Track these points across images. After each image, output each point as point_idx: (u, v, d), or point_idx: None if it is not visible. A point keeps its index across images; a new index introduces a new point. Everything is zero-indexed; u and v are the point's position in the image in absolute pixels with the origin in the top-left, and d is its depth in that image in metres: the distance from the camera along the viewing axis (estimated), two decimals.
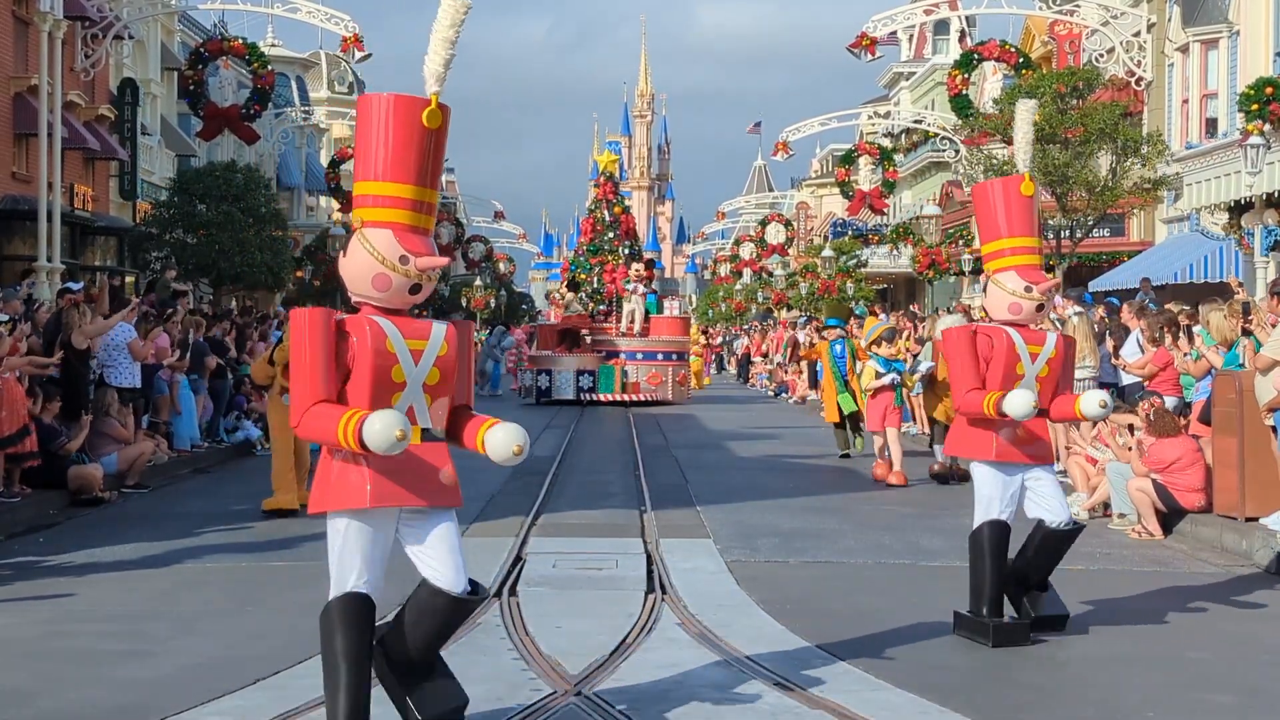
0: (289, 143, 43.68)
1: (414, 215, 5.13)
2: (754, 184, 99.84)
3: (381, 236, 5.06)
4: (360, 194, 5.17)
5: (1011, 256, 7.44)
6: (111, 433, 14.54)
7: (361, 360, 5.03)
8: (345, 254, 5.15)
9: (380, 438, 4.72)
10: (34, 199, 23.73)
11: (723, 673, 6.73)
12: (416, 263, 5.06)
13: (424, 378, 5.14)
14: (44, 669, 6.89)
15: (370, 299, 5.14)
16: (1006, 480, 7.47)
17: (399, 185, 5.10)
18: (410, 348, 5.10)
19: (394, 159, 5.10)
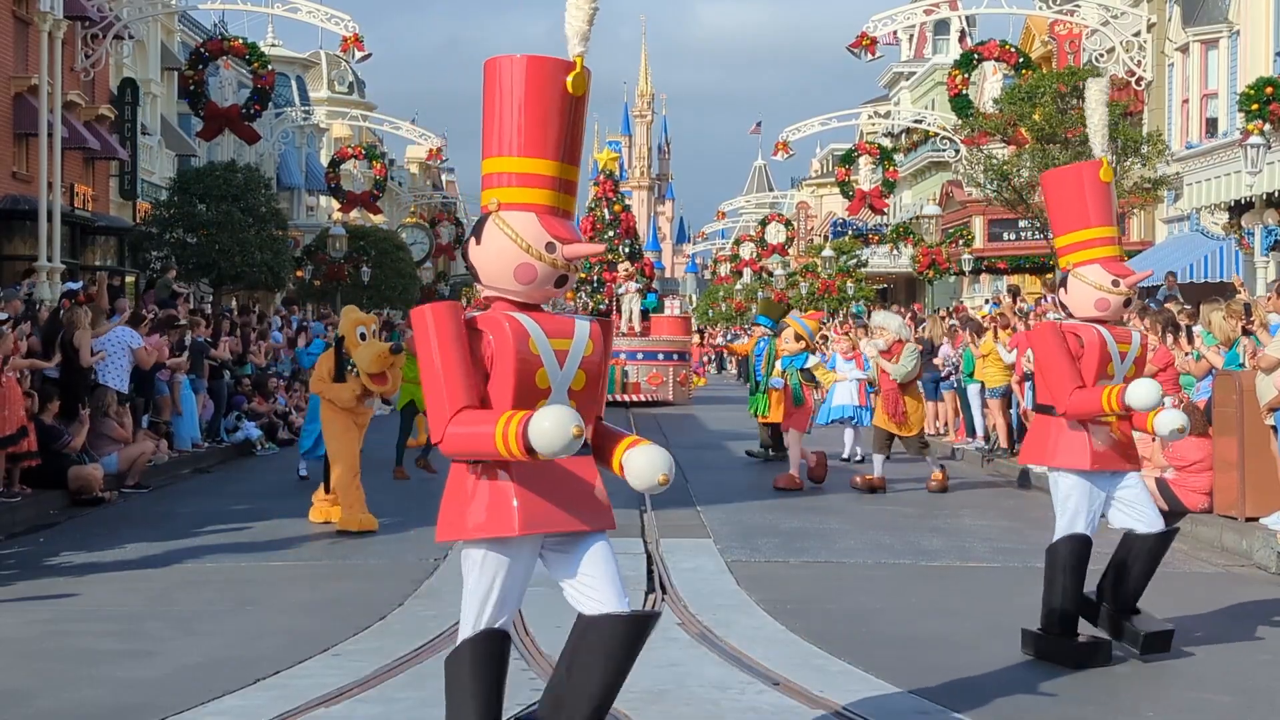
0: (289, 143, 43.66)
1: (557, 196, 4.47)
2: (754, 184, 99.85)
3: (524, 221, 4.38)
4: (493, 172, 4.48)
5: (1095, 248, 6.91)
6: (111, 433, 14.54)
7: (502, 364, 4.34)
8: (478, 241, 4.44)
9: (553, 437, 4.03)
10: (34, 199, 23.71)
11: (723, 673, 6.73)
12: (564, 250, 4.40)
13: (569, 382, 4.46)
14: (44, 669, 6.89)
15: (508, 293, 4.45)
16: (1095, 491, 7.00)
17: (541, 161, 4.43)
18: (555, 348, 4.42)
19: (534, 131, 4.42)
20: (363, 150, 42.90)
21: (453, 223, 60.62)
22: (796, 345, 15.01)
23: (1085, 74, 27.59)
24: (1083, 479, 6.95)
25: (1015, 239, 37.67)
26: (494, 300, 4.48)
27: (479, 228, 4.45)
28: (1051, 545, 7.06)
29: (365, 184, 41.94)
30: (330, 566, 9.99)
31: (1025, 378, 16.36)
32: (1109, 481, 7.01)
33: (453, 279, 63.71)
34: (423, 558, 10.12)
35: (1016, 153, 28.08)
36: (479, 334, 4.37)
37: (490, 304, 4.51)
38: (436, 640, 7.31)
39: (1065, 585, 6.96)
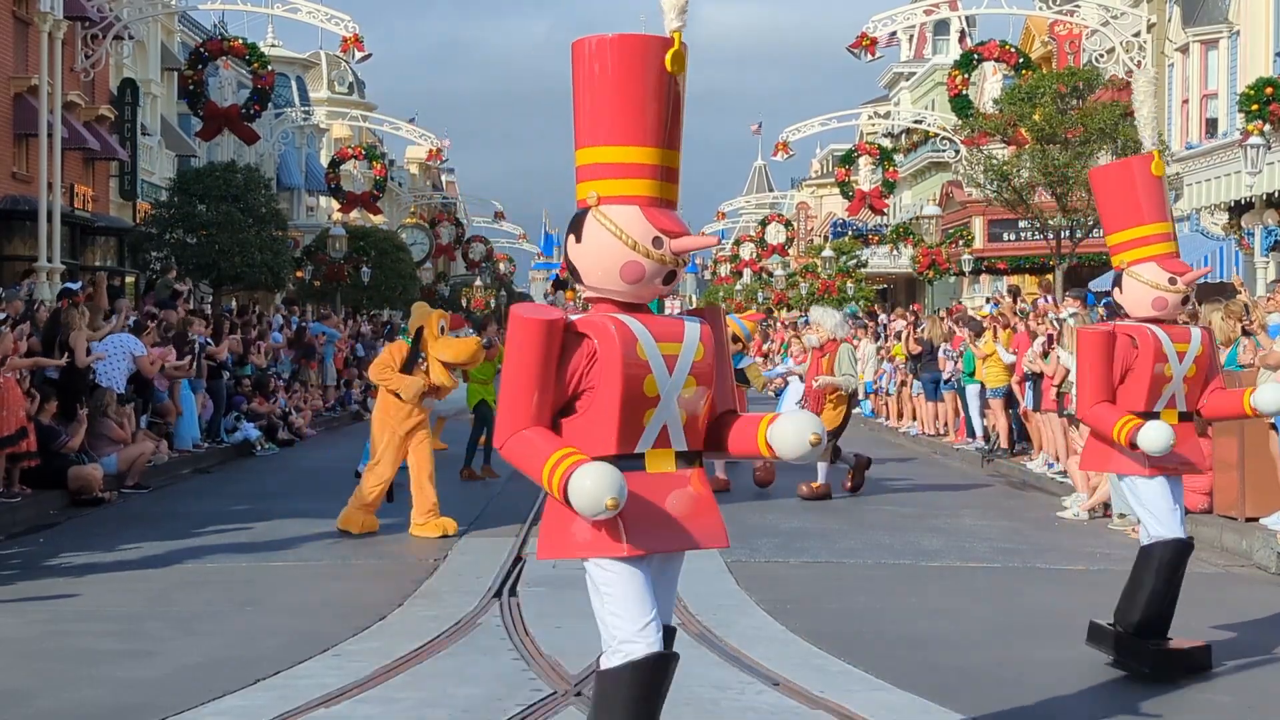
0: (289, 143, 43.64)
1: (660, 185, 4.10)
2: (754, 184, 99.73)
3: (627, 215, 4.04)
4: (588, 163, 4.12)
5: (1150, 245, 6.64)
6: (110, 433, 14.54)
7: (608, 371, 4.01)
8: (578, 239, 4.10)
9: (588, 500, 3.82)
10: (34, 199, 23.70)
11: (723, 673, 6.73)
12: (672, 244, 4.06)
13: (678, 390, 4.12)
14: (44, 669, 6.89)
15: (613, 293, 4.10)
16: (1174, 490, 6.79)
17: (641, 149, 4.06)
18: (663, 353, 4.08)
19: (632, 117, 4.05)
20: (363, 150, 42.90)
21: (452, 223, 60.63)
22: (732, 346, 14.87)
23: (1085, 75, 27.62)
24: (1154, 480, 6.73)
25: (1015, 239, 37.66)
26: (595, 301, 4.16)
27: (577, 224, 4.12)
28: (1147, 546, 6.84)
29: (365, 184, 41.93)
30: (330, 566, 9.99)
31: (1026, 378, 16.37)
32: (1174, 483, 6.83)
33: (452, 279, 63.73)
34: (423, 558, 10.12)
35: (1016, 153, 28.07)
36: (580, 339, 4.03)
37: (591, 305, 4.20)
38: (436, 640, 7.32)
39: (1156, 588, 6.75)
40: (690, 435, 4.18)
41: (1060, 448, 15.20)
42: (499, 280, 71.77)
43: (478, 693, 6.30)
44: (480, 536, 11.18)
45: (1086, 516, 12.60)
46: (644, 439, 4.08)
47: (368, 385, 29.00)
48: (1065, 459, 14.35)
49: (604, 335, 4.02)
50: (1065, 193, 26.52)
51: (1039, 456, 16.18)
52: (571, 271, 4.18)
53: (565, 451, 3.92)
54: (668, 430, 4.12)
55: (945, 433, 20.90)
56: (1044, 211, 27.90)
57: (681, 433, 4.15)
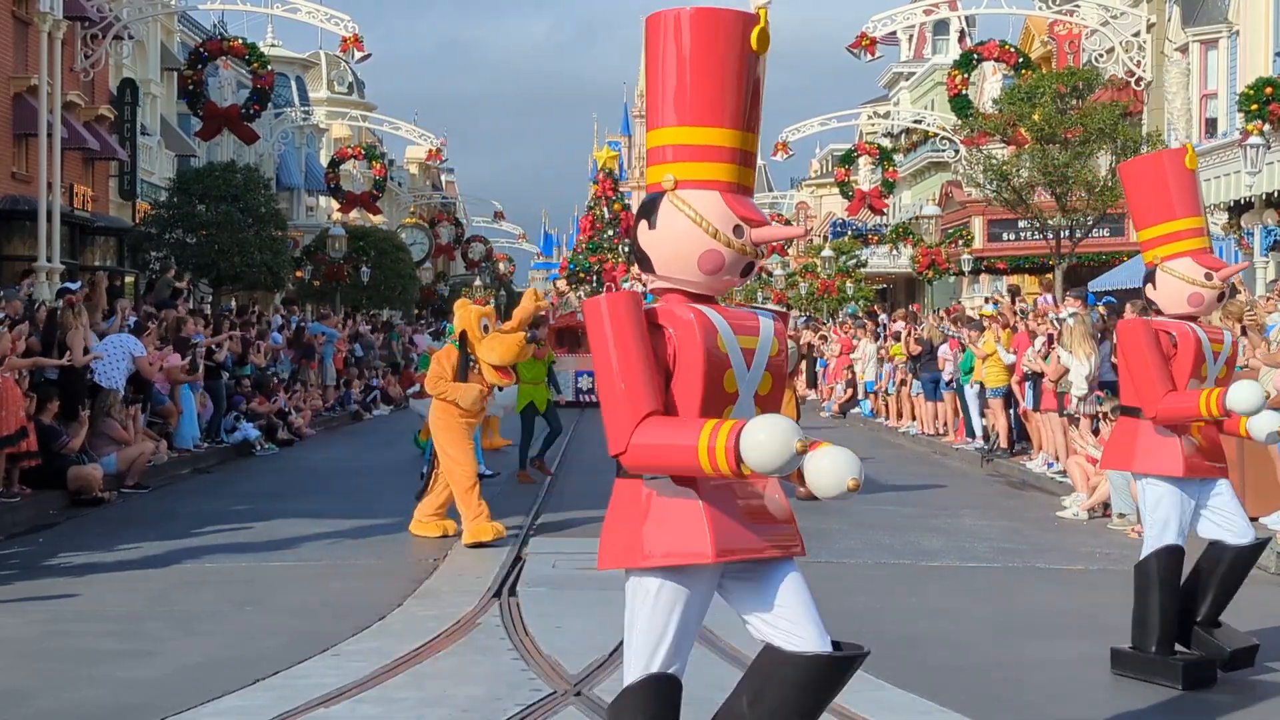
0: (289, 143, 43.64)
1: (740, 170, 3.85)
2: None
3: (706, 200, 3.78)
4: (664, 145, 3.86)
5: (1183, 240, 6.46)
6: (112, 433, 14.55)
7: (688, 364, 3.73)
8: (650, 225, 3.83)
9: (771, 451, 3.44)
10: (34, 199, 23.69)
11: (723, 673, 6.73)
12: (754, 234, 3.83)
13: (756, 385, 3.87)
14: (44, 669, 6.89)
15: (687, 283, 3.84)
16: (1186, 499, 6.61)
17: (721, 131, 3.81)
18: (742, 346, 3.84)
19: (714, 96, 3.79)
20: (362, 150, 42.90)
21: (452, 223, 60.61)
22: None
23: (1085, 74, 27.62)
24: (1174, 486, 6.56)
25: (1015, 239, 37.66)
26: (665, 292, 3.89)
27: (649, 209, 3.85)
28: (1142, 561, 6.69)
29: (365, 184, 41.94)
30: (330, 566, 9.99)
31: (1025, 378, 16.38)
32: (1199, 489, 6.66)
33: (452, 279, 63.69)
34: (423, 558, 10.13)
35: (1016, 153, 28.07)
36: (658, 330, 3.76)
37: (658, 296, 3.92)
38: (436, 640, 7.32)
39: (1161, 601, 6.59)
40: None
41: (1060, 447, 15.20)
42: (499, 280, 71.74)
43: (478, 693, 6.30)
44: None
45: (1086, 516, 12.61)
46: None
47: (367, 385, 29.07)
48: (1065, 459, 14.35)
49: (683, 326, 3.75)
50: (1065, 193, 26.53)
51: (1038, 456, 16.18)
52: (640, 259, 3.91)
53: (715, 420, 3.59)
54: None
55: (945, 433, 20.90)
56: (1044, 211, 27.90)
57: None
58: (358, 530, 11.50)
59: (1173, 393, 6.39)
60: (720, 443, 3.50)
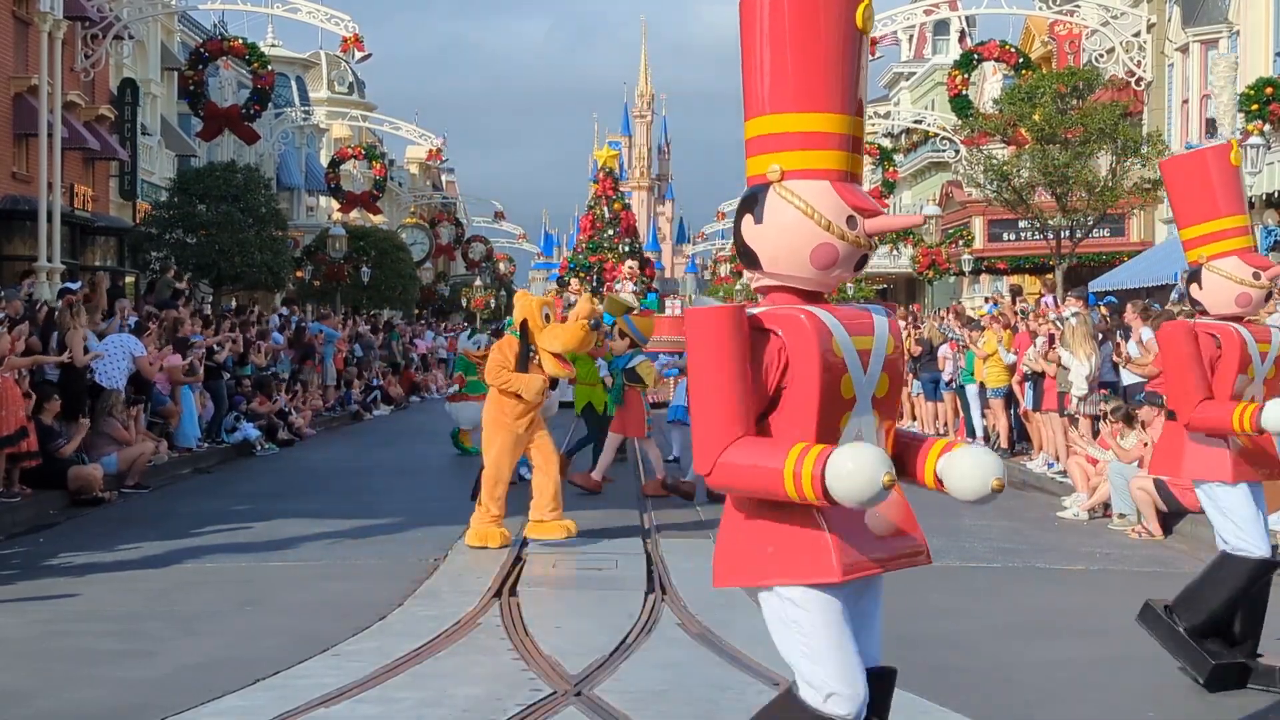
0: (289, 143, 43.66)
1: (850, 157, 3.60)
2: None
3: (816, 191, 3.52)
4: (766, 133, 3.61)
5: (1229, 239, 6.32)
6: (113, 433, 14.55)
7: (803, 369, 3.47)
8: (756, 219, 3.57)
9: (858, 484, 3.23)
10: (34, 199, 23.70)
11: (723, 673, 6.73)
12: (867, 224, 3.58)
13: (873, 389, 3.61)
14: (44, 669, 6.89)
15: (797, 279, 3.58)
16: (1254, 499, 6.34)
17: (830, 116, 3.54)
18: (857, 348, 3.58)
19: (821, 79, 3.54)
20: (363, 150, 42.91)
21: (452, 223, 60.63)
22: (622, 344, 14.22)
23: (1085, 75, 27.63)
24: (1236, 489, 6.32)
25: (1015, 239, 37.64)
26: (771, 291, 3.63)
27: (754, 202, 3.58)
28: (1229, 554, 6.39)
29: (365, 184, 41.95)
30: (330, 566, 9.99)
31: (1026, 378, 16.38)
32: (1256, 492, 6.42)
33: (452, 279, 63.72)
34: (423, 558, 10.13)
35: (1016, 153, 28.08)
36: (766, 335, 3.49)
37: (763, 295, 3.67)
38: (436, 640, 7.32)
39: (1225, 599, 6.40)
40: (884, 442, 3.66)
41: (1060, 448, 15.21)
42: (499, 280, 71.74)
43: (478, 693, 6.30)
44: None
45: (1086, 516, 12.60)
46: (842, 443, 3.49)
47: (367, 385, 29.07)
48: (1065, 459, 14.35)
49: (795, 328, 3.48)
50: (1065, 193, 26.53)
51: (1039, 456, 16.19)
52: (744, 255, 3.65)
53: (800, 446, 3.35)
54: (863, 437, 3.57)
55: (945, 433, 20.90)
56: (1044, 211, 27.90)
57: (876, 438, 3.62)
58: (358, 530, 11.50)
59: (1208, 402, 6.24)
60: (806, 469, 3.30)
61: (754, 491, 3.50)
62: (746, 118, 3.66)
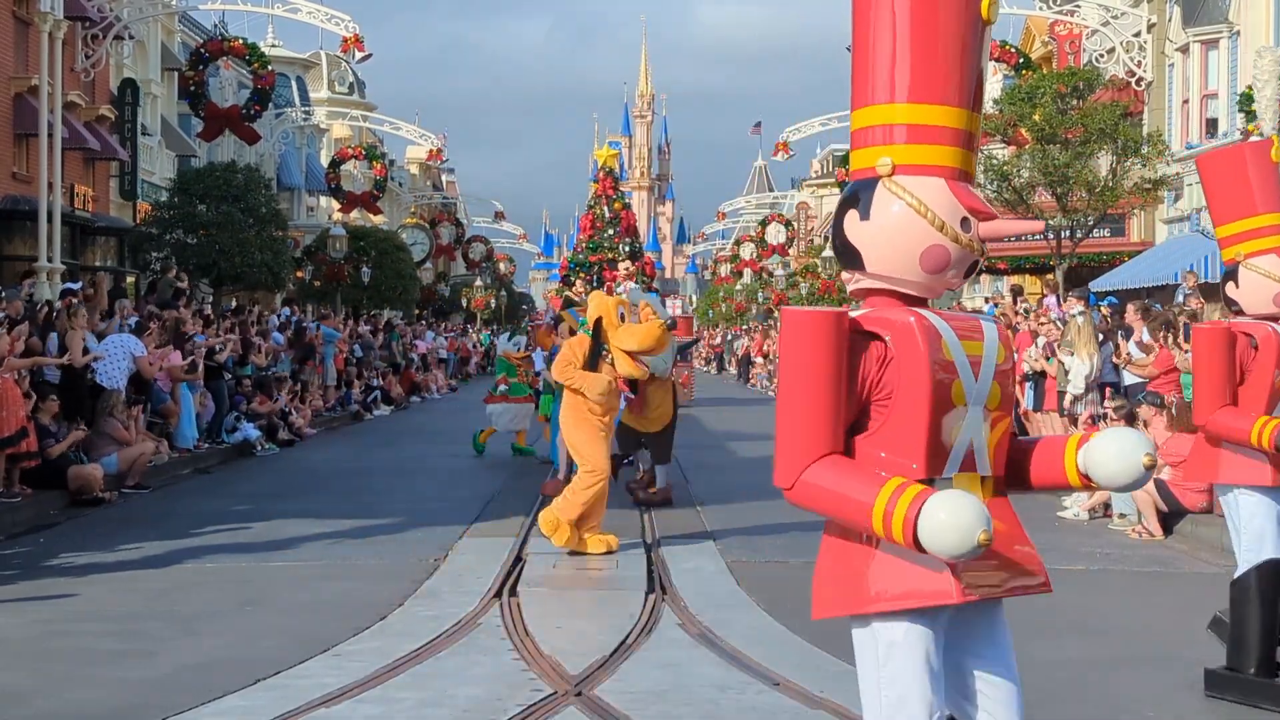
0: (289, 143, 43.67)
1: (966, 156, 3.36)
2: (754, 184, 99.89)
3: (930, 188, 3.28)
4: (879, 124, 3.36)
5: (1267, 237, 6.13)
6: (113, 433, 14.55)
7: (912, 376, 3.23)
8: (863, 215, 3.33)
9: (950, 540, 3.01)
10: (34, 199, 23.70)
11: (723, 673, 6.73)
12: (983, 228, 3.33)
13: (984, 399, 3.35)
14: (44, 669, 6.89)
15: (903, 282, 3.34)
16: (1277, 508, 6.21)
17: (950, 110, 3.31)
18: (968, 354, 3.33)
19: (944, 69, 3.30)
20: (363, 150, 42.91)
21: (452, 223, 60.65)
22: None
23: (1085, 75, 27.63)
24: (1263, 496, 6.18)
25: (1015, 239, 37.60)
26: (872, 294, 3.39)
27: (859, 197, 3.34)
28: (1240, 577, 6.30)
29: (365, 184, 41.96)
30: (330, 566, 9.99)
31: (1026, 378, 16.38)
32: None
33: (453, 279, 63.73)
34: (423, 558, 10.13)
35: (1016, 153, 28.08)
36: (867, 340, 3.26)
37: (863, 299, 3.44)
38: (436, 640, 7.32)
39: (1261, 619, 6.26)
40: (996, 456, 3.40)
41: None
42: (499, 280, 71.75)
43: (478, 693, 6.30)
44: (480, 537, 11.17)
45: (1086, 516, 12.60)
46: (950, 461, 3.29)
47: (368, 385, 29.07)
48: None
49: (903, 332, 3.25)
50: (1065, 193, 26.53)
51: None
52: (845, 255, 3.39)
53: (894, 483, 3.13)
54: (974, 450, 3.33)
55: None
56: (1044, 211, 27.89)
57: (987, 453, 3.36)
58: (358, 530, 11.50)
59: (1229, 409, 6.13)
60: (900, 511, 3.07)
61: (835, 517, 3.32)
62: (854, 107, 3.42)
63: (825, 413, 3.21)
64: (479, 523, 11.90)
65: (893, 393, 3.24)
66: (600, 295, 11.20)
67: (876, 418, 3.27)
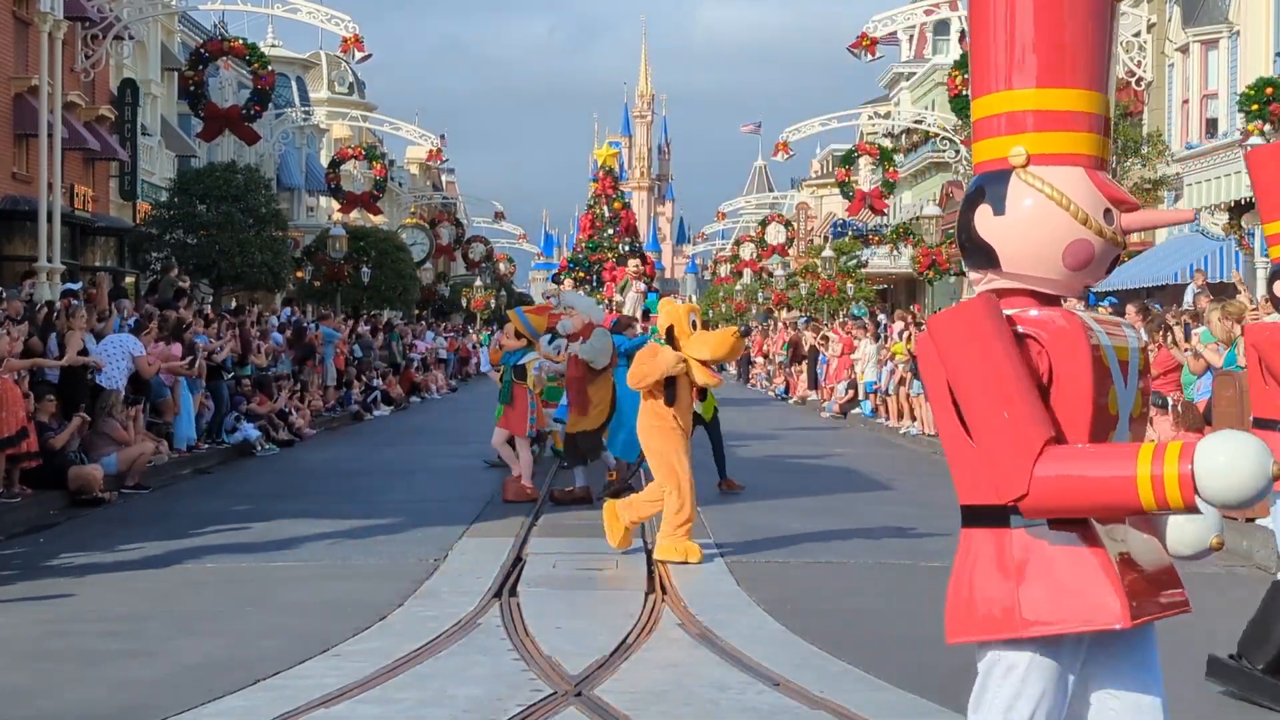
0: (289, 143, 43.67)
1: (1103, 142, 3.12)
2: (754, 184, 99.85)
3: (1069, 179, 3.05)
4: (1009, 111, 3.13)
5: None
6: (112, 433, 14.55)
7: (1072, 381, 2.99)
8: (997, 209, 3.09)
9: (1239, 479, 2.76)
10: (34, 199, 23.70)
11: (723, 673, 6.73)
12: (1126, 220, 3.11)
13: (1131, 407, 3.14)
14: (44, 669, 6.89)
15: (1042, 281, 3.11)
16: None
17: (1087, 94, 3.09)
18: (1118, 357, 3.11)
19: (1078, 50, 3.07)
20: (363, 151, 42.91)
21: (452, 223, 60.61)
22: (516, 342, 13.80)
23: None
24: None
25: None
26: (1006, 294, 3.13)
27: (989, 191, 3.11)
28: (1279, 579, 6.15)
29: (365, 184, 41.95)
30: (330, 566, 9.99)
31: None
32: None
33: (453, 279, 63.73)
34: (423, 558, 10.13)
35: None
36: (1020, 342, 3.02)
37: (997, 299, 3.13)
38: (436, 640, 7.31)
39: None
40: None
41: None
42: (499, 280, 71.76)
43: (478, 693, 6.30)
44: (480, 537, 11.18)
45: None
46: None
47: (368, 386, 29.07)
48: None
49: (1059, 333, 3.01)
50: None
51: None
52: (975, 253, 3.15)
53: (1151, 446, 2.85)
54: None
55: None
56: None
57: None
58: (358, 530, 11.50)
59: None
60: (1171, 470, 2.79)
61: (1090, 508, 2.97)
62: (977, 94, 3.20)
63: (1029, 404, 2.93)
64: (479, 523, 11.90)
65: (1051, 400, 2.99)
66: (671, 303, 10.92)
67: None
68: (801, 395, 31.98)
